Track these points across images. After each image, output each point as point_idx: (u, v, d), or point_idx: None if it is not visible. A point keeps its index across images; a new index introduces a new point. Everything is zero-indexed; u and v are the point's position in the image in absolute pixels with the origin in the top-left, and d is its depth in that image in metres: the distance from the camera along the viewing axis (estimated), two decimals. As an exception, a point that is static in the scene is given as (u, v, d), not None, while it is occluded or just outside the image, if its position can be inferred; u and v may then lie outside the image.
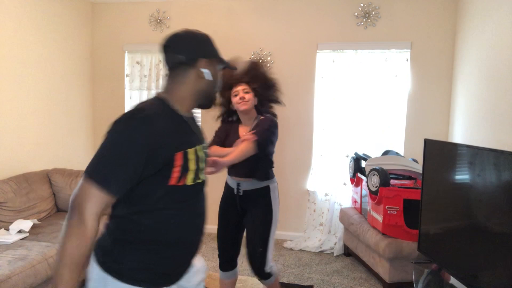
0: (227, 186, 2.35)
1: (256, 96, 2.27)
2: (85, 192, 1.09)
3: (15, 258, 2.30)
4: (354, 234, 3.34)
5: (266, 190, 2.25)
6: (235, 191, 2.26)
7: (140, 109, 1.17)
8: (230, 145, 2.24)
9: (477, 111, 3.05)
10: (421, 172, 2.87)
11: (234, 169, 2.24)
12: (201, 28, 4.84)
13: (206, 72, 1.29)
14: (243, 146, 2.06)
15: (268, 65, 3.96)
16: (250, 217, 2.25)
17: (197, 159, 1.26)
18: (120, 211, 1.21)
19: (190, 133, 1.28)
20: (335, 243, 3.76)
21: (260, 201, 2.23)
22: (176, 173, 1.19)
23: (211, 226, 2.37)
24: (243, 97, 2.20)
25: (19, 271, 2.20)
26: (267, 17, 3.95)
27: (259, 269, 2.20)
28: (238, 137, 2.24)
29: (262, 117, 2.28)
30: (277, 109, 4.12)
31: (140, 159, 1.11)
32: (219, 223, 2.34)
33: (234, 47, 4.04)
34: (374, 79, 3.72)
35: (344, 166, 3.82)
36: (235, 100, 2.22)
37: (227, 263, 2.35)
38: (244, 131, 2.28)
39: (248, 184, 2.23)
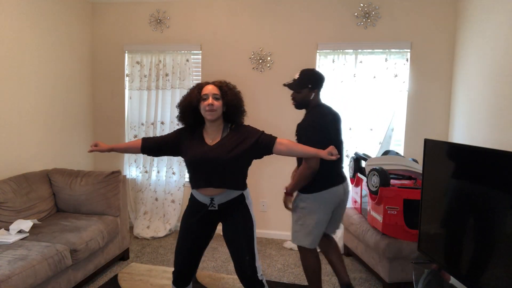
0: (195, 202, 2.17)
1: (224, 105, 2.09)
2: None
3: (15, 258, 2.30)
4: (354, 234, 3.34)
5: (242, 197, 2.15)
6: (209, 206, 2.11)
7: None
8: (193, 153, 2.09)
9: (477, 111, 3.05)
10: (421, 172, 2.87)
11: (205, 182, 2.08)
12: (201, 28, 4.86)
13: None
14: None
15: (268, 65, 3.96)
16: (230, 228, 2.15)
17: None
18: None
19: None
20: (335, 243, 3.76)
21: (237, 210, 2.14)
22: None
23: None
24: (211, 104, 2.03)
25: (19, 271, 2.20)
26: (267, 17, 3.95)
27: (252, 278, 2.12)
28: (204, 145, 2.09)
29: (246, 126, 2.17)
30: (277, 109, 4.11)
31: None
32: (182, 239, 2.19)
33: (234, 47, 4.04)
34: (374, 79, 3.72)
35: (344, 166, 3.81)
36: (203, 105, 2.06)
37: (184, 280, 2.22)
38: (210, 139, 2.11)
39: (222, 197, 2.09)
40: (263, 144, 2.08)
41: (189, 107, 2.11)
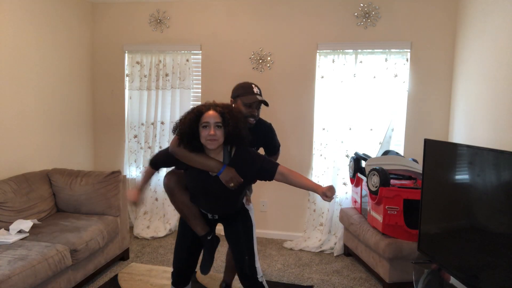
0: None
1: (225, 133, 1.92)
2: None
3: (15, 258, 2.30)
4: (354, 234, 3.34)
5: (241, 205, 2.25)
6: (209, 216, 2.20)
7: None
8: (194, 182, 2.04)
9: (477, 111, 3.05)
10: (421, 172, 2.87)
11: (206, 209, 2.16)
12: (201, 28, 4.85)
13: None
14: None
15: (268, 65, 3.96)
16: (231, 229, 2.22)
17: None
18: None
19: None
20: (335, 243, 3.76)
21: (236, 215, 2.21)
22: None
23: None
24: (213, 134, 1.86)
25: (19, 271, 2.20)
26: (267, 17, 3.95)
27: (252, 279, 2.14)
28: (205, 174, 1.98)
29: (246, 151, 2.03)
30: (277, 109, 4.11)
31: None
32: (180, 238, 2.22)
33: (234, 47, 4.04)
34: (374, 79, 3.72)
35: (344, 166, 3.82)
36: (203, 133, 1.88)
37: (183, 280, 2.26)
38: None
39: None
40: (264, 173, 2.01)
41: (188, 134, 1.92)
